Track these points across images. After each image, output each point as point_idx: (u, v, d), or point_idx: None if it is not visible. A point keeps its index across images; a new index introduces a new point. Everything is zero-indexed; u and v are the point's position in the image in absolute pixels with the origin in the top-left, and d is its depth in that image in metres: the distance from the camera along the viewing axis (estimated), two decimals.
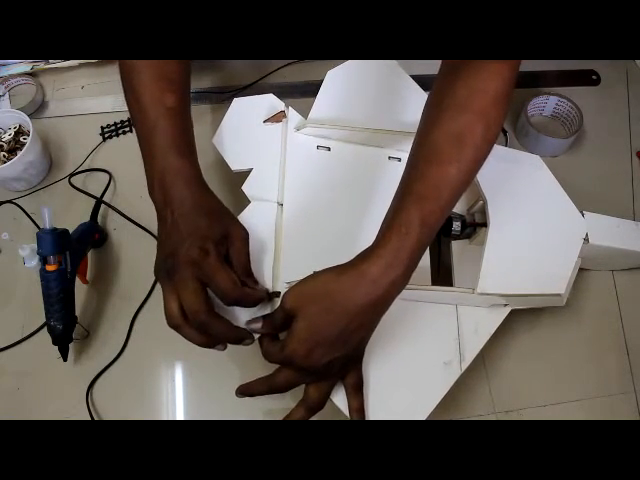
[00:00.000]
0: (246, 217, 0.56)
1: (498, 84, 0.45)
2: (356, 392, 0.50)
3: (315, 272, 0.46)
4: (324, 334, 0.44)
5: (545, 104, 0.78)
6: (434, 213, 0.44)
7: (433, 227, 0.45)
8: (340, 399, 0.51)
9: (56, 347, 0.58)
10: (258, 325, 0.48)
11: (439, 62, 0.49)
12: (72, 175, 0.73)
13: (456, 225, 0.60)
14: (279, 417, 0.56)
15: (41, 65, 0.82)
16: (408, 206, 0.44)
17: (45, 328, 0.58)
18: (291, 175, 0.60)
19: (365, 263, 0.44)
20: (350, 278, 0.44)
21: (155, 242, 0.69)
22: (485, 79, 0.45)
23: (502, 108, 0.46)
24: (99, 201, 0.70)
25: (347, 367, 0.49)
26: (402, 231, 0.44)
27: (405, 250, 0.43)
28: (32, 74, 0.82)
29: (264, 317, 0.49)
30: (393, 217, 0.45)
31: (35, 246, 0.57)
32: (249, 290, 0.48)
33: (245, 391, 0.50)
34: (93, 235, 0.65)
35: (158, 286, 0.66)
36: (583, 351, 0.63)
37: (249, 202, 0.58)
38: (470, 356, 0.54)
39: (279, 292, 0.52)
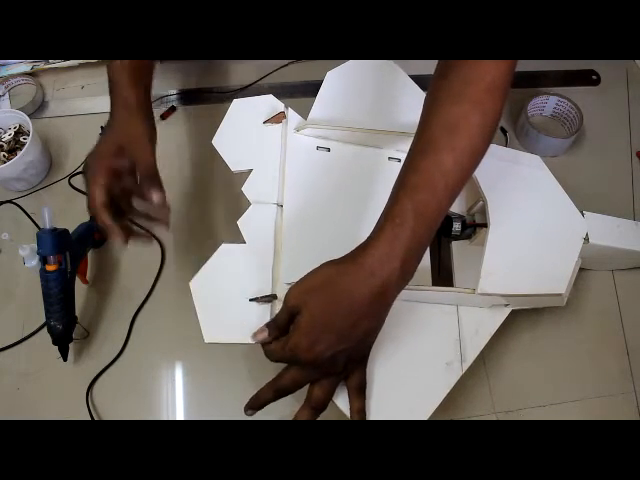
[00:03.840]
0: (246, 220, 0.56)
1: (494, 74, 0.44)
2: (359, 394, 0.50)
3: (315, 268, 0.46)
4: (327, 324, 0.44)
5: (545, 104, 0.78)
6: (429, 204, 0.44)
7: (429, 218, 0.44)
8: (341, 400, 0.51)
9: (56, 347, 0.58)
10: (264, 334, 0.48)
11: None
12: (72, 175, 0.73)
13: (456, 225, 0.60)
14: (278, 416, 0.56)
15: (41, 65, 0.82)
16: (401, 197, 0.44)
17: (45, 328, 0.58)
18: (291, 176, 0.60)
19: (361, 255, 0.44)
20: (349, 270, 0.44)
21: (155, 242, 0.69)
22: (480, 71, 0.45)
23: (498, 98, 0.45)
24: None
25: (351, 366, 0.49)
26: (396, 222, 0.44)
27: (400, 241, 0.43)
28: (32, 74, 0.82)
29: (267, 324, 0.49)
30: (388, 210, 0.45)
31: (35, 246, 0.57)
32: (101, 215, 0.51)
33: (254, 404, 0.49)
34: (93, 235, 0.65)
35: (158, 286, 0.66)
36: (583, 351, 0.63)
37: (249, 203, 0.58)
38: (471, 356, 0.54)
39: (275, 295, 0.52)
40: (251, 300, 0.52)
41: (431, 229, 0.45)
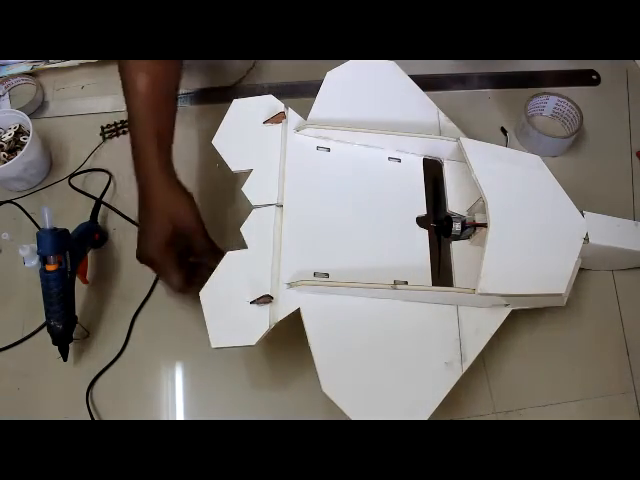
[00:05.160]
0: (248, 226, 0.56)
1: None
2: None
3: None
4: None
5: (545, 104, 0.78)
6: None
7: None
8: (340, 399, 0.51)
9: (56, 347, 0.58)
10: None
11: (439, 62, 0.49)
12: (72, 175, 0.73)
13: (456, 225, 0.60)
14: (279, 416, 0.56)
15: (41, 65, 0.82)
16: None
17: (45, 328, 0.58)
18: (291, 176, 0.60)
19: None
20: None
21: None
22: None
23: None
24: (99, 201, 0.70)
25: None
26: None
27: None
28: (32, 74, 0.82)
29: None
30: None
31: (35, 246, 0.57)
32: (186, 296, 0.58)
33: None
34: (93, 235, 0.65)
35: (158, 286, 0.66)
36: (583, 351, 0.63)
37: (249, 203, 0.58)
38: (471, 356, 0.54)
39: (270, 295, 0.52)
40: (251, 303, 0.52)
41: None
